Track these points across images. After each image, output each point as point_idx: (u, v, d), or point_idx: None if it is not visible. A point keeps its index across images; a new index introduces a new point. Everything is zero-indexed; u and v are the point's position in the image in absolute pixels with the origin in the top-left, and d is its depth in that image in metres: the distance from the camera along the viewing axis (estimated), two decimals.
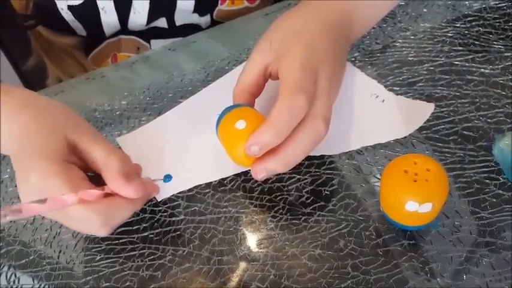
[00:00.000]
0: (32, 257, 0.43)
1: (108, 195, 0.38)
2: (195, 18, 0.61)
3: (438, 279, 0.38)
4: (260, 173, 0.40)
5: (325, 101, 0.39)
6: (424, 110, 0.46)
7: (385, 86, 0.49)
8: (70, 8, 0.56)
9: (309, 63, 0.40)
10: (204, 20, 0.62)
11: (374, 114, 0.46)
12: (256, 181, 0.44)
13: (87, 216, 0.37)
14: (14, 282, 0.41)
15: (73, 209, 0.36)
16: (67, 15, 0.58)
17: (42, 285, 0.41)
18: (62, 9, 0.57)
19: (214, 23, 0.63)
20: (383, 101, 0.47)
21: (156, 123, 0.49)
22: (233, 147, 0.40)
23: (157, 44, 0.62)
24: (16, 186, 0.47)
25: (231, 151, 0.41)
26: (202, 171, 0.45)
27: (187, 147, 0.46)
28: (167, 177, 0.45)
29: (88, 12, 0.57)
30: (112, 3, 0.56)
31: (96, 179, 0.39)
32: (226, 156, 0.44)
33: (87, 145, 0.38)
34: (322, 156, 0.45)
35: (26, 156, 0.37)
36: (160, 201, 0.44)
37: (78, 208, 0.36)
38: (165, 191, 0.44)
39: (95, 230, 0.39)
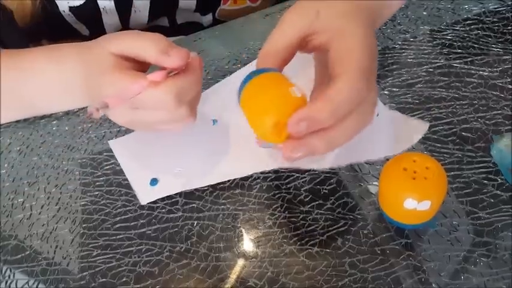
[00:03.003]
0: (28, 252, 0.42)
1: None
2: (197, 17, 0.61)
3: (436, 278, 0.38)
4: (297, 151, 0.35)
5: (376, 87, 0.37)
6: (417, 129, 0.45)
7: (384, 87, 0.49)
8: (71, 9, 0.57)
9: (372, 52, 0.36)
10: (206, 18, 0.62)
11: (367, 129, 0.43)
12: (255, 179, 0.44)
13: (159, 98, 0.38)
14: (9, 277, 0.41)
15: (145, 99, 0.38)
16: (69, 17, 0.58)
17: (37, 281, 0.41)
18: (64, 11, 0.57)
19: (216, 21, 0.63)
20: (377, 114, 0.45)
21: None
22: (274, 114, 0.34)
23: None
24: (13, 181, 0.47)
25: (266, 117, 0.34)
26: (190, 176, 0.44)
27: (177, 152, 0.46)
28: (153, 181, 0.44)
29: (89, 13, 0.57)
30: (113, 3, 0.57)
31: None
32: (216, 162, 0.43)
33: (127, 49, 0.41)
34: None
35: (92, 81, 0.42)
36: (144, 205, 0.43)
37: (149, 94, 0.38)
38: (150, 195, 0.44)
39: (176, 115, 0.40)
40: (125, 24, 0.60)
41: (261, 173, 0.44)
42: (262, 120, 0.35)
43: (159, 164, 0.45)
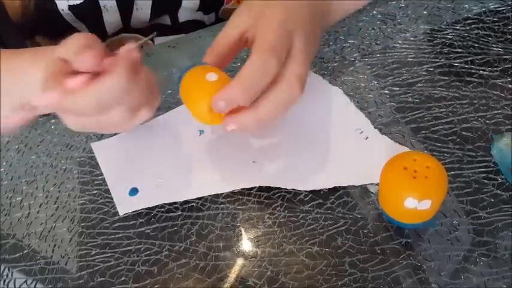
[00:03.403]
0: (26, 251, 0.42)
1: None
2: (199, 16, 0.61)
3: (436, 278, 0.37)
4: (230, 125, 0.39)
5: (300, 61, 0.39)
6: None
7: (384, 87, 0.49)
8: (71, 7, 0.56)
9: (285, 26, 0.39)
10: (209, 17, 0.62)
11: (353, 152, 0.44)
12: None
13: (80, 107, 0.36)
14: (7, 276, 0.41)
15: (70, 107, 0.36)
16: (68, 16, 0.57)
17: (35, 280, 0.40)
18: (63, 10, 0.56)
19: (218, 20, 0.63)
20: (366, 138, 0.45)
21: (133, 134, 0.47)
22: (200, 100, 0.39)
23: (160, 41, 0.62)
24: (12, 179, 0.47)
25: (197, 105, 0.39)
26: (170, 189, 0.43)
27: (159, 163, 0.45)
28: (133, 191, 0.43)
29: (89, 11, 0.57)
30: (114, 1, 0.56)
31: None
32: (199, 176, 0.43)
33: (64, 54, 0.38)
34: None
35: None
36: (123, 214, 0.43)
37: (71, 102, 0.36)
38: (129, 205, 0.43)
39: (111, 121, 0.37)
40: (126, 22, 0.60)
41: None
42: (197, 110, 0.39)
43: (141, 174, 0.44)
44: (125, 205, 0.43)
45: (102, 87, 0.36)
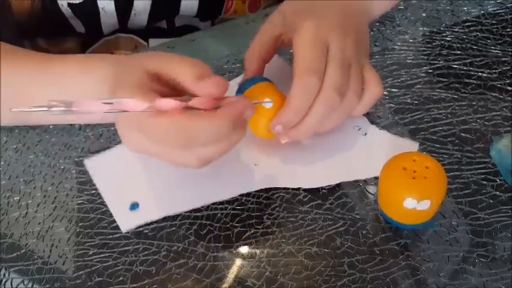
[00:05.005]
0: (24, 251, 0.42)
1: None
2: (195, 22, 0.62)
3: (434, 278, 0.37)
4: (283, 138, 0.43)
5: (335, 70, 0.40)
6: (407, 148, 0.43)
7: (384, 88, 0.49)
8: (70, 5, 0.56)
9: (318, 37, 0.41)
10: (204, 24, 0.62)
11: (353, 148, 0.44)
12: None
13: (165, 129, 0.35)
14: (4, 275, 0.41)
15: (149, 121, 0.35)
16: (67, 11, 0.57)
17: (33, 280, 0.40)
18: (62, 5, 0.56)
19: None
20: (365, 134, 0.45)
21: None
22: (260, 124, 0.43)
23: (155, 43, 0.62)
24: (10, 179, 0.46)
25: (256, 127, 0.43)
26: (172, 201, 0.42)
27: (158, 175, 0.44)
28: (134, 205, 0.42)
29: (88, 12, 0.57)
30: (112, 4, 0.56)
31: None
32: (201, 185, 0.43)
33: (163, 70, 0.38)
34: None
35: (116, 93, 0.38)
36: (128, 232, 0.42)
37: (155, 119, 0.35)
38: (131, 221, 0.42)
39: (179, 155, 0.37)
40: (123, 25, 0.60)
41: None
42: (256, 131, 0.43)
43: (140, 187, 0.43)
44: (126, 221, 0.42)
45: (192, 120, 0.35)
